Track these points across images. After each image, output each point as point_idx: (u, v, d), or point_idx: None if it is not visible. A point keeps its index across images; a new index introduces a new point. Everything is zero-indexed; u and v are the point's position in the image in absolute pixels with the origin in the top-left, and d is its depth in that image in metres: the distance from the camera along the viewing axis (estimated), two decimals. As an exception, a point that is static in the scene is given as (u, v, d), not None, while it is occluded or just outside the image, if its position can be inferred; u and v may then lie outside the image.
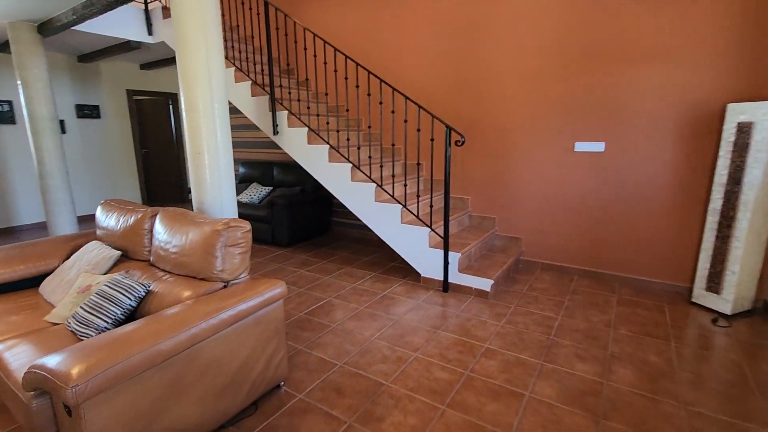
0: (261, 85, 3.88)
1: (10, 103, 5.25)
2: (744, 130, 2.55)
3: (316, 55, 3.81)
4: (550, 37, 3.29)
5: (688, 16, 2.79)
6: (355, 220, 4.83)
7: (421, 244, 3.22)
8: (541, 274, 3.53)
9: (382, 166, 3.33)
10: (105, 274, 2.22)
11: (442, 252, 3.12)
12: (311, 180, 4.80)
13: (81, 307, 1.86)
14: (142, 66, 6.47)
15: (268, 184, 5.31)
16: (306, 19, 4.76)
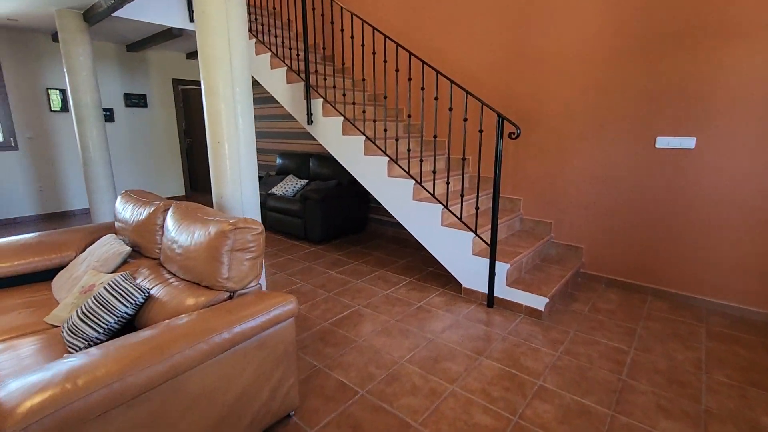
0: (296, 71, 3.63)
1: (64, 92, 5.41)
2: None
3: (353, 37, 3.48)
4: (627, 11, 2.73)
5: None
6: (393, 218, 4.49)
7: (463, 250, 2.82)
8: (606, 292, 3.00)
9: (422, 161, 2.96)
10: (112, 273, 2.05)
11: (488, 261, 2.70)
12: (348, 174, 4.51)
13: (75, 312, 1.68)
14: (188, 55, 6.49)
15: (304, 177, 5.10)
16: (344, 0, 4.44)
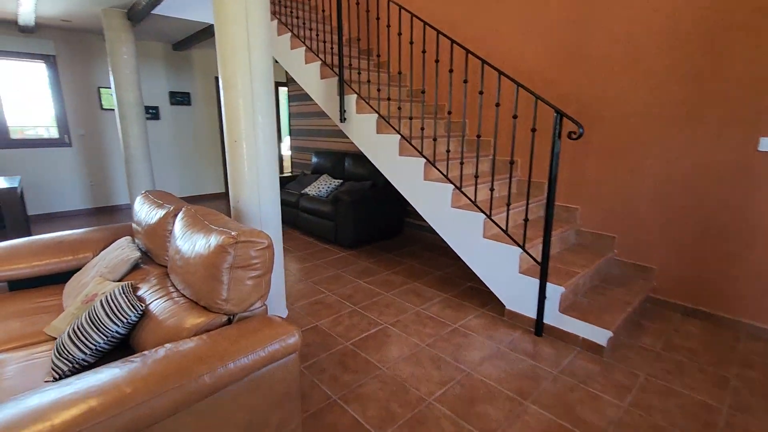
0: (330, 65, 3.39)
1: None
2: None
3: (389, 26, 3.19)
4: (729, -20, 2.21)
5: None
6: (430, 223, 4.16)
7: (508, 267, 2.44)
8: (684, 324, 2.50)
9: (462, 163, 2.61)
10: (118, 281, 1.92)
11: (538, 282, 2.31)
12: (383, 175, 4.24)
13: (70, 326, 1.53)
14: (230, 53, 6.50)
15: (339, 177, 4.89)
16: (388, -10, 4.15)
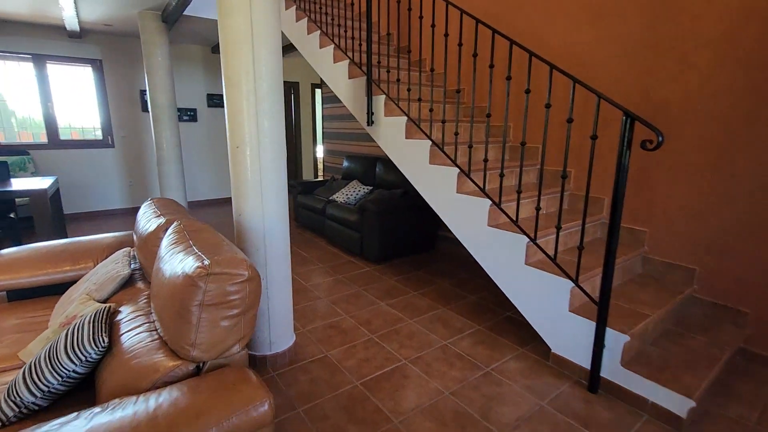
0: (359, 64, 3.11)
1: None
2: None
3: (422, 16, 2.85)
4: None
5: None
6: (466, 237, 3.75)
7: (556, 303, 2.02)
8: (790, 388, 1.94)
9: (503, 175, 2.21)
10: (105, 301, 1.72)
11: (594, 326, 1.87)
12: (415, 183, 3.89)
13: (33, 359, 1.33)
14: (268, 55, 6.44)
15: (369, 183, 4.60)
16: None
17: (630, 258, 2.36)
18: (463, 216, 2.41)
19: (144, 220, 1.99)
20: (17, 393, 1.21)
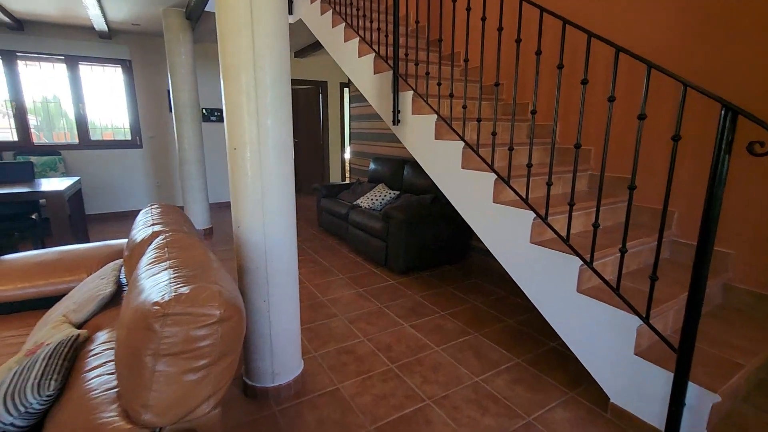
0: (385, 57, 2.81)
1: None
2: None
3: None
4: None
5: None
6: (502, 250, 3.36)
7: (618, 342, 1.63)
8: None
9: (550, 184, 1.83)
10: (82, 325, 1.51)
11: (671, 377, 1.47)
12: (446, 188, 3.55)
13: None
14: (296, 53, 6.28)
15: (396, 188, 4.29)
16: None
17: (711, 286, 1.91)
18: (501, 230, 2.05)
19: (136, 230, 1.78)
20: (-51, 447, 1.00)
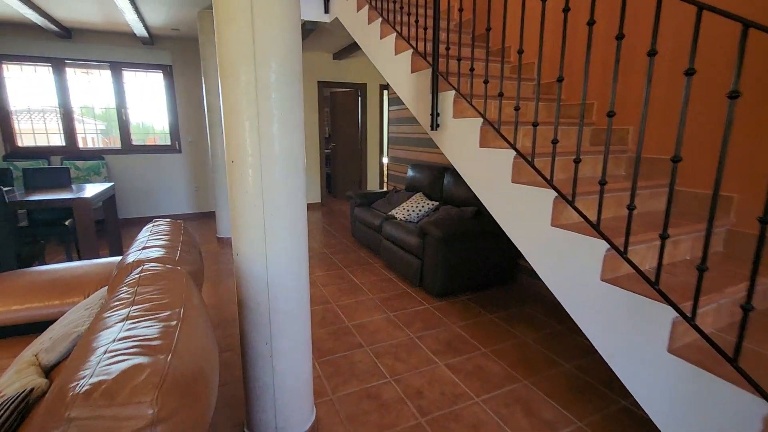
0: (423, 54, 2.47)
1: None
2: None
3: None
4: None
5: None
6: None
7: (720, 418, 1.18)
8: None
9: (633, 208, 1.40)
10: (52, 368, 1.30)
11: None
12: (491, 200, 3.13)
13: None
14: (335, 55, 6.08)
15: (436, 198, 3.92)
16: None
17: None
18: (562, 261, 1.64)
19: (130, 251, 1.56)
20: None
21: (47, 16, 3.94)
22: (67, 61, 4.78)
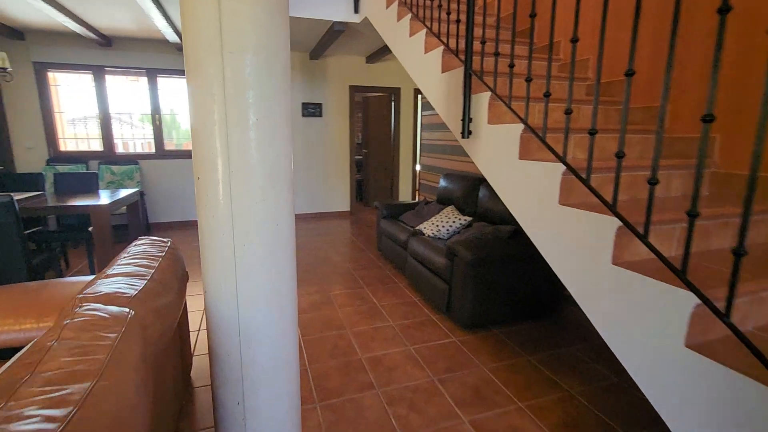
0: (455, 51, 2.15)
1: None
2: None
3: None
4: None
5: None
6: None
7: None
8: None
9: (741, 249, 0.99)
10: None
11: None
12: (532, 218, 2.72)
13: None
14: (368, 59, 5.86)
15: (469, 212, 3.55)
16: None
17: None
18: (626, 309, 1.25)
19: (99, 279, 1.35)
20: None
21: (84, 23, 3.99)
22: (106, 68, 4.88)
